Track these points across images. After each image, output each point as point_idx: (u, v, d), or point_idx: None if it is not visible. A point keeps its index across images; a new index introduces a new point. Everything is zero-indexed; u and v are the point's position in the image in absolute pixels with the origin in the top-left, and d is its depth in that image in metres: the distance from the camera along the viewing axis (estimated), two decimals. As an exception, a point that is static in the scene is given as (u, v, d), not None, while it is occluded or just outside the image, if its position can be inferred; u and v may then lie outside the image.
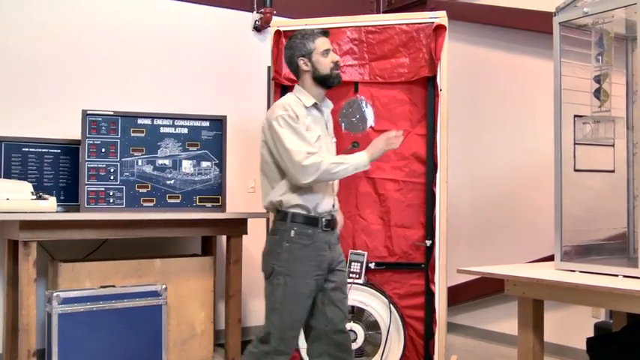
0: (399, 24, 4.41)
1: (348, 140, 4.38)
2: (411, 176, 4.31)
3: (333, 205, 3.46)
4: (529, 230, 5.36)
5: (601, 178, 3.83)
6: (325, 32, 3.46)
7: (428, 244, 4.27)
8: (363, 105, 4.42)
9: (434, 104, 4.27)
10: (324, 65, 3.38)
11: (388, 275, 4.33)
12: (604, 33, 3.59)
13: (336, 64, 3.42)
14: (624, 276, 3.18)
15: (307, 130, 3.28)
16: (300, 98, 3.39)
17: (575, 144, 3.62)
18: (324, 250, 3.36)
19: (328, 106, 3.56)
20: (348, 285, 4.20)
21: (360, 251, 4.32)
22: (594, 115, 3.61)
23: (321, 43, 3.40)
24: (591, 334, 4.34)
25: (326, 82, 3.42)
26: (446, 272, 4.27)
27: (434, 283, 4.24)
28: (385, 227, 4.36)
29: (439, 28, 4.27)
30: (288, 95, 3.45)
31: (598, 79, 3.59)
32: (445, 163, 4.30)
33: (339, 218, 3.58)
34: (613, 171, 3.83)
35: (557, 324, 4.84)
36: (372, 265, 4.32)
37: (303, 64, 3.39)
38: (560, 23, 3.56)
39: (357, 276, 4.25)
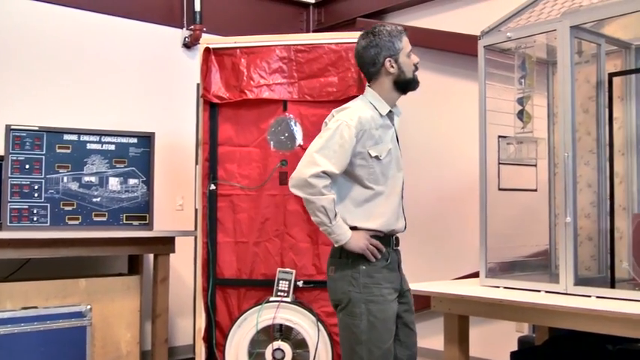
0: (328, 43, 4.45)
1: (277, 158, 4.40)
2: (340, 194, 4.33)
3: (405, 227, 3.15)
4: (456, 247, 5.46)
5: (524, 196, 3.94)
6: (406, 30, 3.07)
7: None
8: (292, 123, 4.44)
9: (362, 123, 4.32)
10: (409, 67, 3.03)
11: (316, 293, 4.33)
12: (526, 57, 3.71)
13: (417, 67, 3.08)
14: (546, 291, 3.27)
15: (376, 144, 2.94)
16: (375, 105, 3.01)
17: (499, 163, 3.72)
18: (396, 270, 3.07)
19: (399, 113, 3.13)
20: (276, 303, 4.21)
21: (288, 269, 4.32)
22: (517, 136, 3.72)
23: (406, 42, 3.04)
24: (515, 348, 4.44)
25: (407, 87, 3.06)
26: (374, 290, 4.29)
27: (362, 300, 4.26)
28: (313, 245, 4.37)
29: (368, 48, 4.33)
30: (363, 102, 3.03)
31: (521, 101, 3.71)
32: (373, 182, 4.34)
33: None
34: (535, 190, 3.95)
35: (482, 339, 4.93)
36: (300, 284, 4.32)
37: (389, 65, 2.98)
38: (484, 47, 3.66)
39: (286, 294, 4.25)
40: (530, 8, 3.56)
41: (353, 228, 2.92)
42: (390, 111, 3.04)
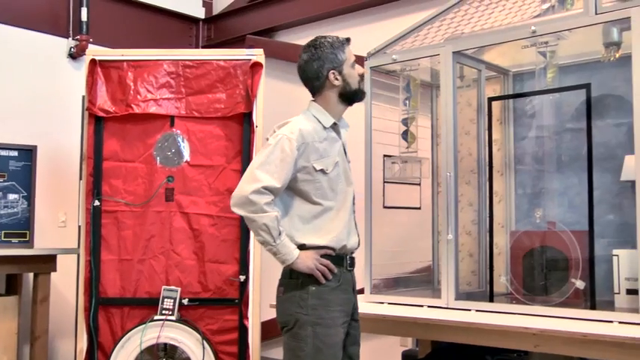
0: (217, 59, 4.43)
1: (164, 174, 4.34)
2: (226, 211, 4.30)
3: (358, 243, 2.97)
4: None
5: (408, 214, 4.04)
6: (349, 39, 2.93)
7: (242, 280, 4.28)
8: (179, 139, 4.40)
9: (250, 140, 4.32)
10: (354, 79, 2.88)
11: (202, 311, 4.28)
12: (411, 79, 3.84)
13: (362, 77, 2.93)
14: (429, 306, 3.38)
15: (321, 158, 2.81)
16: (318, 118, 2.87)
17: (384, 182, 3.81)
18: (349, 292, 2.87)
19: (345, 126, 2.99)
20: (160, 322, 4.14)
21: (173, 287, 4.26)
22: (402, 156, 3.84)
23: (350, 53, 2.90)
24: (399, 363, 4.53)
25: (354, 98, 2.92)
26: (259, 307, 4.29)
27: (247, 318, 4.25)
28: (199, 263, 4.33)
29: (256, 66, 4.35)
30: (305, 115, 2.90)
31: (405, 122, 3.83)
32: (261, 199, 4.34)
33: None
34: (419, 208, 4.07)
35: (366, 354, 4.98)
36: (185, 301, 4.26)
37: (334, 78, 2.85)
38: (371, 68, 3.76)
39: (170, 312, 4.18)
40: (415, 32, 3.69)
41: (302, 246, 2.78)
42: (335, 124, 2.90)
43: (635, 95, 2.88)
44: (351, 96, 2.90)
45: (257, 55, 4.39)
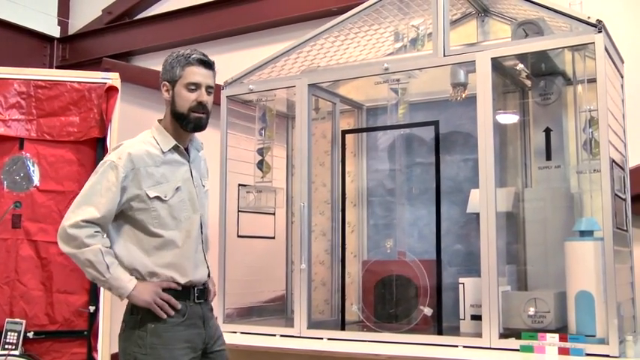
0: (71, 81, 4.30)
1: (11, 199, 4.15)
2: (77, 239, 4.18)
3: (208, 275, 2.72)
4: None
5: (263, 243, 4.06)
6: (204, 62, 2.66)
7: (91, 310, 4.14)
8: (29, 163, 4.22)
9: (104, 166, 4.22)
10: (184, 101, 2.60)
11: (48, 345, 4.10)
12: (267, 109, 3.89)
13: (200, 105, 2.61)
14: (281, 335, 3.41)
15: (158, 184, 2.57)
16: (157, 140, 2.63)
17: (238, 211, 3.82)
18: (199, 326, 2.62)
19: (197, 147, 2.78)
20: (2, 358, 3.93)
21: (17, 320, 4.05)
22: (257, 185, 3.86)
23: (191, 73, 2.61)
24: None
25: (182, 123, 2.62)
26: (110, 339, 4.16)
27: (97, 350, 4.11)
28: (47, 293, 4.15)
29: (111, 90, 4.25)
30: (144, 136, 2.67)
31: (261, 152, 3.87)
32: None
33: (211, 286, 2.78)
34: (273, 237, 4.10)
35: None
36: (30, 335, 4.06)
37: (165, 90, 2.64)
38: (227, 97, 3.78)
39: (14, 347, 3.97)
40: (272, 63, 3.75)
41: (156, 275, 2.57)
42: (177, 146, 2.66)
43: (480, 133, 3.05)
44: (177, 117, 2.63)
45: (113, 78, 4.31)
